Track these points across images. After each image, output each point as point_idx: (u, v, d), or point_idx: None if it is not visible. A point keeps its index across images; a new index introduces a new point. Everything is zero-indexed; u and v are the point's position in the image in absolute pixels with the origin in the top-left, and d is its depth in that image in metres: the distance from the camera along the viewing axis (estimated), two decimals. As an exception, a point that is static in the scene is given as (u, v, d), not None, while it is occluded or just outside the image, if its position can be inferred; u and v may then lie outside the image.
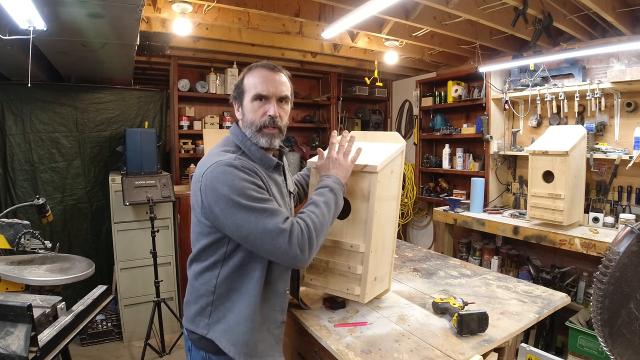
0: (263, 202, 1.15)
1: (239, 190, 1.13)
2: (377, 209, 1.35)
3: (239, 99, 1.32)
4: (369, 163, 1.36)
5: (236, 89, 1.33)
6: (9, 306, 1.26)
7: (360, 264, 1.35)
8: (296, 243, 1.13)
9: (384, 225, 1.45)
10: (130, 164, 3.35)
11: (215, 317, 1.24)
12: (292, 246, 1.13)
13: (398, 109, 5.16)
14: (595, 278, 1.19)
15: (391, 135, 1.57)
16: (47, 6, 1.75)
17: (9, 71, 3.06)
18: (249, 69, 1.33)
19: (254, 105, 1.29)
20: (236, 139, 1.31)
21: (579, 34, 2.90)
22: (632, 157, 2.57)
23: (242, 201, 1.12)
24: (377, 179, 1.34)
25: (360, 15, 2.31)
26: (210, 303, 1.24)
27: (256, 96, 1.28)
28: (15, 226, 2.07)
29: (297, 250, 1.13)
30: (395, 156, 1.47)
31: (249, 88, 1.29)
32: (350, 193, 1.40)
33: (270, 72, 1.30)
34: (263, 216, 1.13)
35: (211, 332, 1.23)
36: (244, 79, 1.32)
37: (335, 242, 1.41)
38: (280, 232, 1.12)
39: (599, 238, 2.48)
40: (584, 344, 2.54)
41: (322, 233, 1.21)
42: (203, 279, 1.25)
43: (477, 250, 3.63)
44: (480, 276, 1.86)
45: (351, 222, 1.39)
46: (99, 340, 3.31)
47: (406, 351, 1.20)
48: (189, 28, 2.78)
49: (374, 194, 1.34)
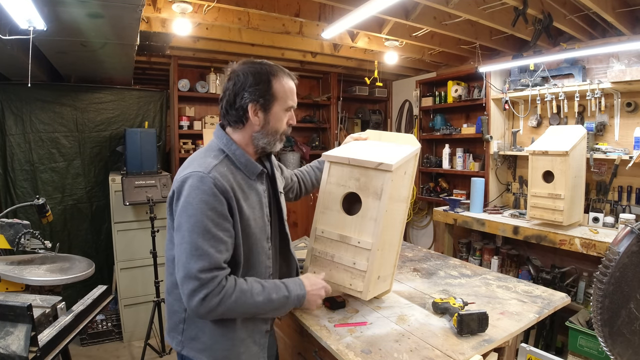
0: (208, 239, 1.10)
1: (203, 214, 1.10)
2: (387, 208, 1.35)
3: (265, 105, 1.24)
4: (384, 161, 1.34)
5: (260, 93, 1.22)
6: (9, 306, 1.26)
7: (366, 260, 1.35)
8: (201, 297, 1.07)
9: (392, 225, 1.45)
10: (130, 164, 3.35)
11: (188, 335, 1.21)
12: (195, 298, 1.07)
13: (398, 109, 5.16)
14: (595, 278, 1.19)
15: (407, 137, 1.58)
16: (47, 6, 1.75)
17: (9, 71, 3.06)
18: (275, 75, 1.25)
19: (284, 114, 1.29)
20: (220, 143, 1.26)
21: (579, 34, 2.90)
22: (632, 157, 2.56)
23: (201, 222, 1.10)
24: (391, 178, 1.33)
25: (360, 15, 2.31)
26: (182, 320, 1.21)
27: (289, 107, 1.29)
28: (15, 226, 2.07)
29: (197, 304, 1.07)
30: (409, 158, 1.46)
31: (282, 97, 1.26)
32: (363, 189, 1.38)
33: (293, 83, 1.31)
34: (196, 253, 1.09)
35: (186, 350, 1.21)
36: (272, 84, 1.24)
37: (343, 237, 1.40)
38: (192, 278, 1.08)
39: (599, 238, 2.48)
40: (584, 344, 2.54)
41: (234, 311, 1.15)
42: (175, 294, 1.21)
43: (477, 250, 3.63)
44: (480, 276, 1.86)
45: (361, 218, 1.38)
46: (99, 340, 3.31)
47: (406, 351, 1.20)
48: (189, 28, 2.78)
49: (386, 192, 1.33)
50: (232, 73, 1.26)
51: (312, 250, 1.47)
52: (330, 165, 1.48)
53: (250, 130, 1.27)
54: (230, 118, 1.27)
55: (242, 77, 1.23)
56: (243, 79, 1.22)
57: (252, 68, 1.24)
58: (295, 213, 4.41)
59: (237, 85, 1.23)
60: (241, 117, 1.25)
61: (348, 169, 1.42)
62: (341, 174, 1.44)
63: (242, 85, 1.22)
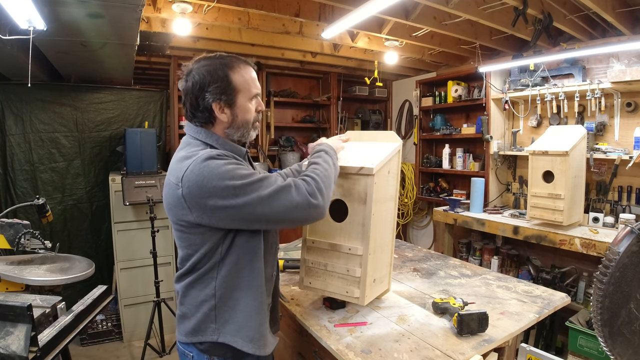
0: (253, 176, 1.11)
1: (227, 175, 1.08)
2: (374, 211, 1.34)
3: (228, 101, 1.20)
4: (365, 165, 1.33)
5: (220, 90, 1.18)
6: (9, 306, 1.26)
7: (359, 266, 1.35)
8: (305, 192, 1.12)
9: (382, 226, 1.45)
10: (130, 164, 3.35)
11: (221, 319, 1.20)
12: (303, 196, 1.11)
13: (398, 109, 5.16)
14: (595, 278, 1.19)
15: (387, 134, 1.56)
16: (47, 6, 1.75)
17: (9, 71, 3.06)
18: (231, 68, 1.21)
19: (251, 103, 1.26)
20: (200, 137, 1.22)
21: (579, 34, 2.90)
22: (632, 157, 2.56)
23: (235, 182, 1.08)
24: (374, 181, 1.32)
25: (360, 15, 2.31)
26: (213, 307, 1.20)
27: (254, 95, 1.26)
28: (15, 226, 2.07)
29: (309, 198, 1.11)
30: (392, 156, 1.45)
31: (244, 88, 1.22)
32: (347, 195, 1.38)
33: (252, 69, 1.27)
34: (261, 187, 1.10)
35: (222, 336, 1.19)
36: (230, 78, 1.20)
37: (333, 245, 1.40)
38: (283, 189, 1.11)
39: (599, 238, 2.48)
40: (584, 344, 2.54)
41: (328, 184, 1.19)
42: (201, 285, 1.20)
43: (477, 250, 3.63)
44: (480, 276, 1.86)
45: (349, 224, 1.38)
46: (99, 340, 3.31)
47: (406, 351, 1.20)
48: (189, 28, 2.78)
49: (370, 196, 1.32)
50: (188, 74, 1.21)
51: (305, 261, 1.46)
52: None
53: (222, 127, 1.24)
54: (198, 120, 1.23)
55: (197, 77, 1.19)
56: (199, 79, 1.18)
57: (207, 66, 1.20)
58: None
59: (195, 87, 1.19)
60: (209, 118, 1.22)
61: None
62: None
63: (200, 86, 1.18)
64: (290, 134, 4.81)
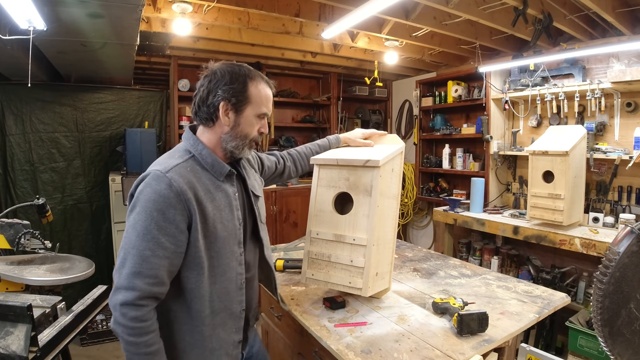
0: (147, 240, 1.07)
1: (142, 215, 1.08)
2: (379, 204, 1.38)
3: (236, 105, 1.21)
4: (371, 158, 1.39)
5: (233, 92, 1.20)
6: (9, 306, 1.27)
7: (363, 256, 1.37)
8: (125, 314, 1.03)
9: (384, 222, 1.48)
10: (130, 164, 3.35)
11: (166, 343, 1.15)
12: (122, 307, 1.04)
13: (398, 109, 5.16)
14: (595, 278, 1.19)
15: (391, 137, 1.66)
16: (47, 6, 1.75)
17: (9, 71, 3.06)
18: (252, 79, 1.23)
19: (256, 120, 1.25)
20: (187, 144, 1.23)
21: (579, 34, 2.90)
22: (632, 157, 2.56)
23: (144, 224, 1.07)
24: (379, 174, 1.38)
25: (360, 15, 2.31)
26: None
27: (262, 114, 1.26)
28: (15, 226, 2.07)
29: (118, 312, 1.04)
30: (395, 155, 1.51)
31: (256, 102, 1.23)
32: (353, 188, 1.43)
33: (270, 91, 1.28)
34: (139, 258, 1.06)
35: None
36: (248, 87, 1.21)
37: (338, 236, 1.42)
38: (122, 289, 1.05)
39: (599, 238, 2.48)
40: (584, 344, 2.54)
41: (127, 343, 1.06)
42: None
43: (477, 250, 3.63)
44: (480, 276, 1.86)
45: (354, 216, 1.41)
46: (99, 340, 3.31)
47: (406, 351, 1.20)
48: (189, 28, 2.78)
49: (376, 188, 1.37)
50: (210, 71, 1.24)
51: (308, 253, 1.48)
52: (319, 168, 1.52)
53: (220, 131, 1.23)
54: (201, 115, 1.23)
55: (218, 74, 1.21)
56: (219, 76, 1.20)
57: (230, 68, 1.22)
58: (296, 213, 4.40)
59: (212, 83, 1.21)
60: (211, 115, 1.21)
61: (337, 170, 1.47)
62: (331, 176, 1.48)
63: (217, 82, 1.20)
64: (290, 133, 4.81)
